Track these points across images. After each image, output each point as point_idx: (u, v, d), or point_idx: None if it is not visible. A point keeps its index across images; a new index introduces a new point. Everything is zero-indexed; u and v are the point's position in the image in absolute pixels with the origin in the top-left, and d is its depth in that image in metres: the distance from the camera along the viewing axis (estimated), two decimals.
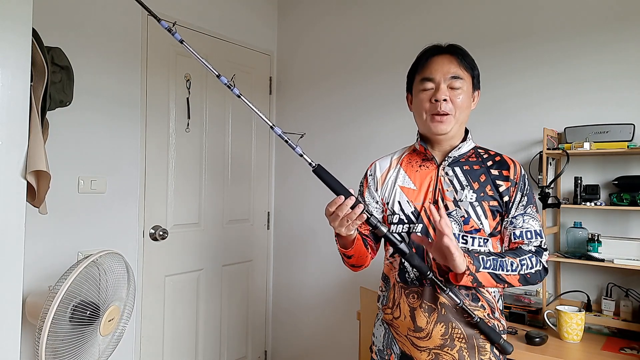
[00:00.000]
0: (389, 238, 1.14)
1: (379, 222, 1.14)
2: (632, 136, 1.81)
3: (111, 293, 1.68)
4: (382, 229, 1.13)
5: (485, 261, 1.14)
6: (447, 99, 1.21)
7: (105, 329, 1.66)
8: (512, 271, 1.16)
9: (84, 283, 1.56)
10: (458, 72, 1.23)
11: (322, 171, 1.13)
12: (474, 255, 1.14)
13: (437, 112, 1.22)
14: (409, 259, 1.15)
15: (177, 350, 2.52)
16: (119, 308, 1.72)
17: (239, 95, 1.17)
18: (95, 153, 2.14)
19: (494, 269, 1.15)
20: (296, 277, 2.99)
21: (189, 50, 1.18)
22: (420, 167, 1.31)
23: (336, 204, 1.08)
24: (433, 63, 1.25)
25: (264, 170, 3.07)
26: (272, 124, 1.16)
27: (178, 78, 2.50)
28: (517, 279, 1.18)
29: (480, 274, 1.13)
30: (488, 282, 1.15)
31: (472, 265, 1.12)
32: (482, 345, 1.22)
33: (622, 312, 1.82)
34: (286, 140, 1.12)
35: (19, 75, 1.35)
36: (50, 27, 1.92)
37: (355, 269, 1.34)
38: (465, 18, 2.35)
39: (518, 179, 1.24)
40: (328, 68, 2.87)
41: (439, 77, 1.23)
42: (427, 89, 1.24)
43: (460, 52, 1.26)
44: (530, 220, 1.23)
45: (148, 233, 2.38)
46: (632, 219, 1.89)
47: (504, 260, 1.17)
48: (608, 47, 1.96)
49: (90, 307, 1.58)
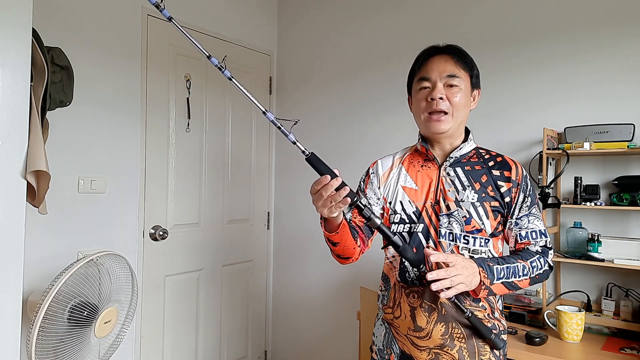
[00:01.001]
0: (382, 230, 1.13)
1: (372, 214, 1.11)
2: (632, 136, 1.81)
3: (108, 295, 1.67)
4: (375, 220, 1.11)
5: (498, 271, 1.15)
6: (444, 97, 1.22)
7: (100, 330, 1.64)
8: (524, 276, 1.18)
9: (84, 283, 1.55)
10: (455, 70, 1.23)
11: (316, 159, 1.12)
12: (488, 265, 1.14)
13: (433, 110, 1.23)
14: (402, 252, 1.14)
15: (177, 350, 2.52)
16: (117, 310, 1.71)
17: (230, 78, 1.13)
18: (95, 153, 2.14)
19: (507, 278, 1.16)
20: (296, 277, 2.99)
21: (179, 28, 1.10)
22: (422, 167, 1.31)
23: (321, 183, 1.05)
24: (430, 63, 1.26)
25: (264, 170, 3.07)
26: (264, 109, 1.13)
27: (178, 78, 2.50)
28: (528, 282, 1.20)
29: (495, 285, 1.14)
30: (501, 291, 1.17)
31: (486, 279, 1.13)
32: (482, 345, 1.22)
33: (622, 312, 1.82)
34: (279, 126, 1.10)
35: (19, 75, 1.35)
36: (50, 27, 1.92)
37: (342, 261, 1.30)
38: (465, 18, 2.35)
39: (520, 180, 1.24)
40: (328, 68, 2.87)
41: (435, 76, 1.24)
42: (424, 88, 1.26)
43: (457, 52, 1.27)
44: (535, 220, 1.24)
45: (148, 233, 2.38)
46: (632, 219, 1.89)
47: (516, 266, 1.17)
48: (608, 47, 1.96)
49: (87, 307, 1.58)
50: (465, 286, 1.08)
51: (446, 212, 1.23)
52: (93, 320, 1.61)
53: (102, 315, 1.63)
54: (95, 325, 1.61)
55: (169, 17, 1.13)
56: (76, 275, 1.53)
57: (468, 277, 1.09)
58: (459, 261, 1.09)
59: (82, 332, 1.58)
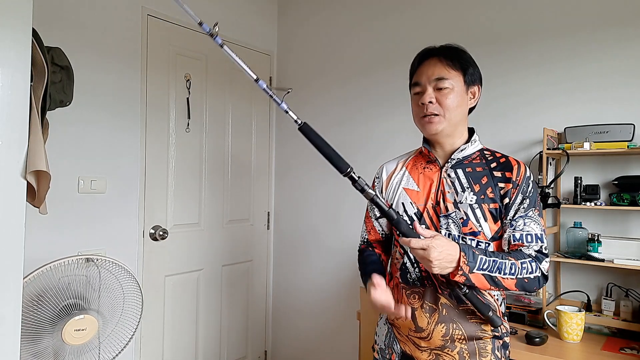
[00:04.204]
0: (375, 202, 1.16)
1: (366, 185, 1.16)
2: (632, 136, 1.81)
3: (89, 302, 1.58)
4: (369, 192, 1.15)
5: (482, 262, 1.11)
6: (434, 100, 1.23)
7: (72, 337, 1.55)
8: (509, 274, 1.13)
9: (74, 282, 1.53)
10: (443, 73, 1.23)
11: (309, 130, 1.12)
12: (472, 252, 1.12)
13: (424, 114, 1.25)
14: (396, 224, 1.15)
15: (177, 350, 2.52)
16: (97, 322, 1.61)
17: (221, 45, 1.17)
18: (95, 153, 2.14)
19: (490, 271, 1.12)
20: (296, 277, 2.99)
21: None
22: (425, 169, 1.32)
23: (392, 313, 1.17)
24: (420, 67, 1.28)
25: (264, 170, 3.07)
26: (255, 77, 1.16)
27: (178, 78, 2.50)
28: (514, 283, 1.14)
29: (474, 275, 1.10)
30: (481, 284, 1.12)
31: (465, 266, 1.10)
32: (483, 346, 1.22)
33: (622, 312, 1.82)
34: (271, 95, 1.12)
35: (19, 75, 1.35)
36: (50, 27, 1.92)
37: None
38: (465, 17, 2.35)
39: (520, 180, 1.22)
40: (328, 68, 2.87)
41: (424, 80, 1.25)
42: (417, 93, 1.28)
43: (448, 53, 1.26)
44: (532, 224, 1.20)
45: (148, 233, 2.38)
46: (632, 219, 1.89)
47: (504, 262, 1.13)
48: (608, 46, 1.96)
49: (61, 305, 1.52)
50: (437, 269, 1.09)
51: (445, 214, 1.23)
52: (63, 321, 1.53)
53: (75, 320, 1.55)
54: (64, 329, 1.53)
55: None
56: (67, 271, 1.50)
57: (442, 262, 1.08)
58: (437, 245, 1.08)
59: (47, 328, 1.50)
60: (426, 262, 1.09)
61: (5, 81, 1.31)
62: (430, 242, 1.08)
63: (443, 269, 1.10)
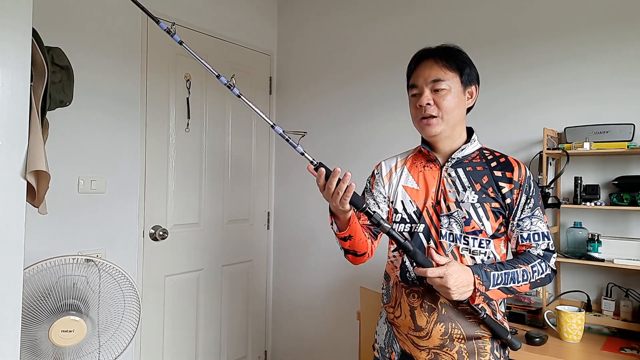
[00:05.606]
0: (392, 235, 1.15)
1: (382, 220, 1.14)
2: (632, 136, 1.81)
3: (77, 304, 1.56)
4: (385, 225, 1.14)
5: (495, 277, 1.15)
6: (431, 102, 1.23)
7: (59, 338, 1.52)
8: (523, 281, 1.18)
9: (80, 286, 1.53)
10: (439, 74, 1.24)
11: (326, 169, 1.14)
12: (484, 272, 1.15)
13: (422, 116, 1.25)
14: (412, 256, 1.15)
15: (177, 350, 2.52)
16: (85, 326, 1.58)
17: (239, 95, 1.17)
18: (95, 153, 2.14)
19: (504, 283, 1.16)
20: (296, 277, 2.99)
21: (188, 51, 1.18)
22: (424, 167, 1.32)
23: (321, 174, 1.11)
24: (417, 69, 1.29)
25: (264, 170, 3.07)
26: (272, 123, 1.16)
27: (178, 78, 2.50)
28: (528, 287, 1.19)
29: (491, 291, 1.14)
30: (499, 296, 1.17)
31: (481, 286, 1.13)
32: (482, 346, 1.22)
33: (622, 312, 1.82)
34: (287, 139, 1.13)
35: (19, 75, 1.35)
36: (50, 27, 1.92)
37: (358, 259, 1.30)
38: (464, 17, 2.35)
39: (523, 181, 1.24)
40: (328, 68, 2.87)
41: (421, 82, 1.26)
42: (414, 95, 1.28)
43: (443, 54, 1.26)
44: (538, 223, 1.23)
45: (148, 233, 2.38)
46: (632, 219, 1.89)
47: (516, 271, 1.17)
48: (608, 46, 1.96)
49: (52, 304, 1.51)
50: (456, 295, 1.11)
51: (447, 213, 1.24)
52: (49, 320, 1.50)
53: (61, 321, 1.53)
54: (51, 328, 1.51)
55: (180, 42, 1.19)
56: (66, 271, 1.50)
57: (459, 288, 1.10)
58: (453, 272, 1.10)
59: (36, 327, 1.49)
60: (444, 290, 1.10)
61: (5, 81, 1.31)
62: (446, 269, 1.10)
63: (462, 294, 1.11)
